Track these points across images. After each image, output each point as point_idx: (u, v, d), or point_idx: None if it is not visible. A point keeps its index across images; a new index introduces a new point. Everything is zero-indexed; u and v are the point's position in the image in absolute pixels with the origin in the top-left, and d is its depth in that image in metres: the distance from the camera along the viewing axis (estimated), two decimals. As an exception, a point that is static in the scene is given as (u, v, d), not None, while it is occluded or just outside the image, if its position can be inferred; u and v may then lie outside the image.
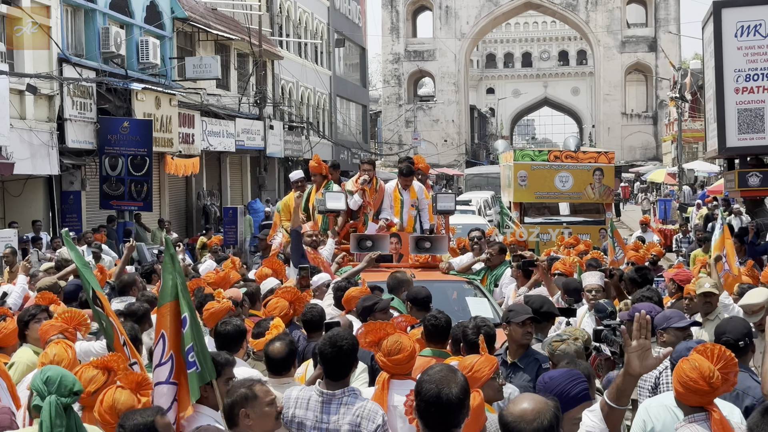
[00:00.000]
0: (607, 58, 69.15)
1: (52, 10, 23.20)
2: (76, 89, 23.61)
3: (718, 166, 37.92)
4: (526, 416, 3.57)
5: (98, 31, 25.37)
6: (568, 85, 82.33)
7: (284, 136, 37.59)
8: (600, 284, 8.87)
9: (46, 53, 23.05)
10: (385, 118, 69.71)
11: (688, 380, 4.79)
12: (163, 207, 28.84)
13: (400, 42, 70.99)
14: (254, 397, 4.59)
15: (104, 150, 24.43)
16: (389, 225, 11.89)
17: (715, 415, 4.79)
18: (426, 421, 4.00)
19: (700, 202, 35.67)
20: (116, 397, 4.55)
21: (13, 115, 20.68)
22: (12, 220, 22.15)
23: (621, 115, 70.01)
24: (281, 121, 38.07)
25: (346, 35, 53.72)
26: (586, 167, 22.81)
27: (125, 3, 26.88)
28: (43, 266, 13.02)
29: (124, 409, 4.50)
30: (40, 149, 22.11)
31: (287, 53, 41.23)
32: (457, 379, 4.02)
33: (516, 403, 3.66)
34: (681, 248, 25.46)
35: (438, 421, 3.97)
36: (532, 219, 22.31)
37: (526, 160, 23.12)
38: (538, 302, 7.49)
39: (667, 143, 61.40)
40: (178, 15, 29.87)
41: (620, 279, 9.88)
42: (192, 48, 31.82)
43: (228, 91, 34.61)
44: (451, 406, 3.95)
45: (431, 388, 3.96)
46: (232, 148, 32.96)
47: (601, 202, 22.76)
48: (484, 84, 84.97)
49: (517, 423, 3.57)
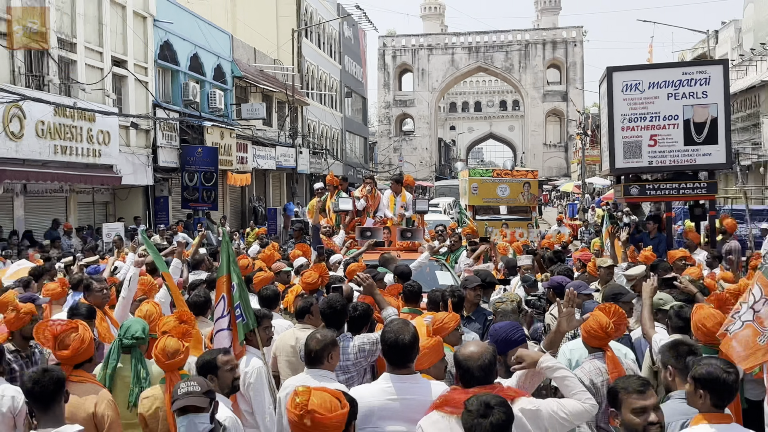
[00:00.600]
0: (532, 105, 69.25)
1: (149, 70, 23.27)
2: (165, 126, 23.63)
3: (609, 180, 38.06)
4: (473, 356, 3.59)
5: (181, 85, 25.41)
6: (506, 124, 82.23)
7: (309, 159, 37.55)
8: (530, 264, 8.96)
9: (145, 100, 23.05)
10: (379, 147, 69.71)
11: (591, 329, 4.83)
12: (225, 208, 28.81)
13: (389, 94, 71.03)
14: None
15: (185, 168, 24.46)
16: (384, 221, 11.90)
17: (608, 353, 4.83)
18: (388, 358, 4.04)
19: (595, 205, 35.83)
20: (167, 343, 4.51)
21: (121, 143, 20.74)
22: (120, 216, 22.23)
23: (542, 145, 70.16)
24: (307, 148, 38.05)
25: (352, 89, 53.65)
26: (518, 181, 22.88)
27: (199, 65, 26.90)
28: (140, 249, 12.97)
29: (172, 351, 4.47)
30: (140, 167, 22.14)
31: (312, 101, 41.21)
32: (409, 329, 4.06)
33: (465, 347, 3.68)
34: (584, 237, 25.61)
35: (396, 358, 4.01)
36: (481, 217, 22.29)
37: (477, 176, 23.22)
38: (484, 275, 7.53)
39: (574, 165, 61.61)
40: (236, 74, 29.90)
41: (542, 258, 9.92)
42: (245, 97, 31.78)
43: (270, 127, 34.58)
44: (405, 348, 3.98)
45: (391, 336, 4.02)
46: (273, 167, 32.93)
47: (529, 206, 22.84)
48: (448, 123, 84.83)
49: (467, 360, 3.59)
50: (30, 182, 17.76)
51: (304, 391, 3.18)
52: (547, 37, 69.47)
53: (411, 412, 3.81)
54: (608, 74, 15.55)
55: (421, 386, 3.94)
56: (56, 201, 20.01)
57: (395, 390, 3.88)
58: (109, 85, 20.91)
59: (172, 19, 24.86)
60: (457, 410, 3.41)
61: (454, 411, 3.42)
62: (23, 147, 16.53)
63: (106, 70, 20.72)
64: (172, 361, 4.46)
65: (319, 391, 3.22)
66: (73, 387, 4.39)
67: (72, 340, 4.48)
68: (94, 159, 19.10)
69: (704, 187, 15.28)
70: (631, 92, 15.23)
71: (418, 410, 3.77)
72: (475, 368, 3.55)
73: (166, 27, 24.44)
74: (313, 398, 3.15)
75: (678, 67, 16.37)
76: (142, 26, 23.09)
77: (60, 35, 18.79)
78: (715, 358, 3.97)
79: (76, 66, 19.52)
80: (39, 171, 17.23)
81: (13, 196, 17.95)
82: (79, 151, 18.51)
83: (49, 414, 3.86)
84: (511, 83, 71.27)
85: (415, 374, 4.02)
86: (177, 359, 4.49)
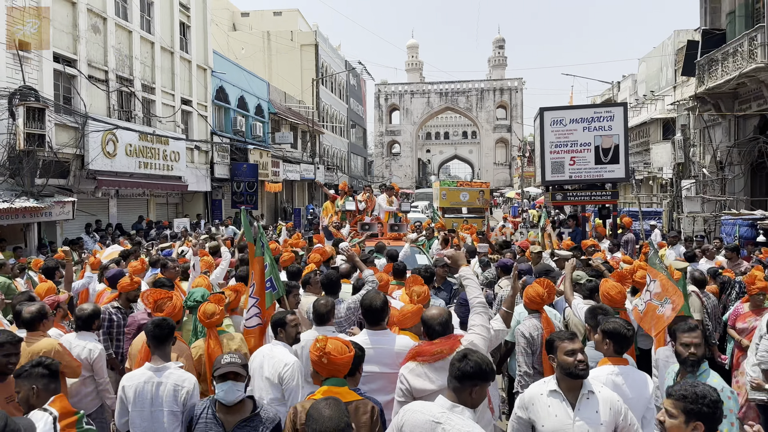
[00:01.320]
0: (486, 135, 69.22)
1: (208, 107, 23.16)
2: (219, 148, 23.52)
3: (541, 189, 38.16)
4: (434, 317, 3.56)
5: (231, 119, 25.30)
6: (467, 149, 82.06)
7: (324, 173, 37.48)
8: (485, 251, 8.93)
9: (205, 129, 22.95)
10: (375, 164, 69.61)
11: (530, 296, 4.82)
12: (263, 207, 28.68)
13: (383, 126, 70.79)
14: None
15: (233, 178, 24.34)
16: (377, 218, 11.88)
17: (543, 314, 4.81)
18: (365, 318, 4.00)
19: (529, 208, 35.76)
20: (206, 307, 4.47)
21: (187, 160, 20.64)
22: (186, 213, 22.12)
23: (493, 163, 70.08)
24: (323, 165, 37.97)
25: (355, 122, 53.57)
26: (475, 190, 22.82)
27: (245, 104, 26.79)
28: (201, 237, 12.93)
29: (210, 313, 4.41)
30: (201, 178, 22.04)
31: (326, 131, 41.16)
32: (380, 297, 4.02)
33: (429, 311, 3.66)
34: (522, 231, 25.60)
35: (371, 318, 3.95)
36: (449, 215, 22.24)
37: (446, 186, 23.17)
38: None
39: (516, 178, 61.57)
40: (272, 111, 29.77)
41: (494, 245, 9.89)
42: (278, 127, 31.67)
43: (296, 149, 34.51)
44: (377, 311, 3.95)
45: (366, 302, 3.99)
46: (298, 179, 32.77)
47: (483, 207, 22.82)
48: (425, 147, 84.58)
49: (430, 320, 3.57)
50: (121, 189, 17.69)
51: (323, 339, 3.18)
52: (496, 86, 69.38)
53: (382, 357, 3.80)
54: (540, 113, 15.59)
55: (389, 338, 3.90)
56: (140, 202, 19.92)
57: (370, 341, 3.85)
58: (179, 118, 20.82)
59: (225, 70, 24.79)
60: (426, 358, 3.41)
61: (426, 359, 3.41)
62: (116, 163, 16.46)
63: (176, 107, 20.64)
64: (210, 320, 4.44)
65: (333, 339, 3.23)
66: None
67: (167, 306, 4.53)
68: (167, 172, 19.01)
69: (609, 194, 15.33)
70: (557, 126, 15.27)
71: (387, 355, 3.79)
72: (435, 325, 3.53)
73: (221, 76, 24.35)
74: (329, 344, 3.16)
75: (591, 108, 16.41)
76: (203, 76, 22.98)
77: (143, 81, 18.71)
78: (617, 318, 3.97)
79: (155, 104, 19.42)
80: (127, 180, 17.15)
81: (108, 198, 17.88)
82: (157, 166, 18.41)
83: (162, 350, 3.83)
84: (470, 119, 71.26)
85: (385, 330, 3.97)
86: (214, 319, 4.45)
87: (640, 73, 33.86)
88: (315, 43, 39.14)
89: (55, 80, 14.82)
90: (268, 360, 3.95)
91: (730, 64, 16.59)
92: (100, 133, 15.69)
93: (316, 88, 37.86)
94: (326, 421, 2.44)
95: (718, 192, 18.75)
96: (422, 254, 10.49)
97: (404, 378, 3.43)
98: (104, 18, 16.86)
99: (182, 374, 3.71)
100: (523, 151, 49.26)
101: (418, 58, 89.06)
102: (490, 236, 13.49)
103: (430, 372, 3.38)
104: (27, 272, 8.51)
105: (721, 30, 18.66)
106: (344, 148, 48.53)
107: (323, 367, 3.12)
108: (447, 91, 69.31)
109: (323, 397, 2.83)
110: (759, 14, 16.40)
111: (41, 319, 4.39)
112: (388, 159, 70.82)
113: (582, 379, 3.17)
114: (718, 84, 17.20)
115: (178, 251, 9.92)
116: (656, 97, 30.31)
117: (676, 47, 26.60)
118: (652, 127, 31.35)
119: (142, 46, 18.70)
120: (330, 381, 3.12)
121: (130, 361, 4.57)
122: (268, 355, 3.98)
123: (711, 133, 20.17)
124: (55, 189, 14.38)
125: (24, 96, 13.03)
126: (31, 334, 4.33)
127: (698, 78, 18.77)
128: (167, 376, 3.67)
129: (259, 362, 3.99)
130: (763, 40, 14.90)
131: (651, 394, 3.59)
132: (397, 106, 70.98)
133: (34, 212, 12.81)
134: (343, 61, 47.84)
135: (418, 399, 3.31)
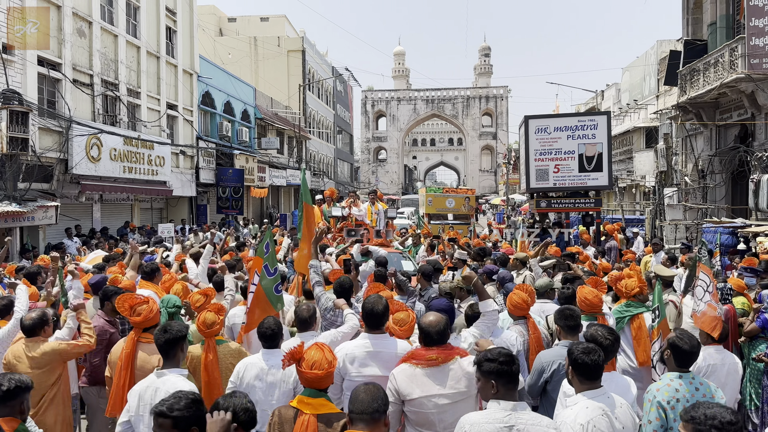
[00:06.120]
0: (471, 142, 69.55)
1: (194, 112, 23.05)
2: (205, 153, 23.38)
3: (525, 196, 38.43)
4: (432, 324, 3.56)
5: (217, 123, 25.17)
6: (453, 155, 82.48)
7: (311, 179, 37.44)
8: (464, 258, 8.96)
9: (190, 134, 22.83)
10: (362, 170, 69.56)
11: (515, 302, 4.84)
12: (249, 213, 28.54)
13: (369, 132, 70.85)
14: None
15: (219, 183, 24.21)
16: (362, 223, 11.89)
17: (530, 321, 4.84)
18: (366, 322, 3.99)
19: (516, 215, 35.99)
20: (206, 316, 4.43)
21: (172, 165, 20.52)
22: (171, 218, 21.94)
23: (479, 170, 70.40)
24: (310, 170, 37.91)
25: (342, 128, 53.58)
26: (461, 196, 22.90)
27: (231, 109, 26.69)
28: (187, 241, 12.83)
29: (210, 323, 4.38)
30: (186, 183, 21.90)
31: (312, 137, 41.11)
32: (382, 301, 4.00)
33: (426, 317, 3.64)
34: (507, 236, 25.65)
35: (372, 322, 3.95)
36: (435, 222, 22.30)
37: (432, 192, 23.21)
38: (434, 262, 7.55)
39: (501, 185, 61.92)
40: (258, 116, 29.67)
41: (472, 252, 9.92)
42: (264, 133, 31.60)
43: (282, 155, 34.41)
44: (378, 315, 3.95)
45: (368, 306, 3.97)
46: (284, 184, 32.65)
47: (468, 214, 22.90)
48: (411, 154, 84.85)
49: (428, 327, 3.56)
50: (105, 193, 17.52)
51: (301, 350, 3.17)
52: (482, 93, 69.79)
53: (382, 360, 3.82)
54: (525, 121, 15.73)
55: (389, 342, 3.93)
56: (124, 207, 19.74)
57: (371, 345, 3.87)
58: (164, 123, 20.69)
59: (211, 75, 24.70)
60: (421, 362, 3.43)
61: (419, 363, 3.44)
62: (100, 167, 16.31)
63: (162, 112, 20.51)
64: (210, 330, 4.39)
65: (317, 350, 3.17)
66: (142, 346, 4.36)
67: (143, 310, 4.44)
68: (152, 176, 18.87)
69: (593, 202, 15.49)
70: (542, 134, 15.42)
71: (388, 359, 3.79)
72: (433, 333, 3.54)
73: (207, 81, 24.25)
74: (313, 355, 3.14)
75: (575, 116, 16.59)
76: (189, 80, 22.88)
77: (129, 86, 18.58)
78: (599, 325, 3.98)
79: (141, 108, 19.29)
80: (111, 185, 17.00)
81: (92, 203, 17.69)
82: (142, 170, 18.28)
83: (168, 355, 3.70)
84: (456, 126, 71.58)
85: (385, 333, 3.98)
86: (214, 329, 4.40)
87: (624, 82, 34.26)
88: (302, 48, 39.14)
89: (39, 84, 14.69)
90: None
91: (712, 74, 16.87)
92: (85, 138, 15.55)
93: (302, 93, 37.83)
94: (359, 404, 2.73)
95: (700, 200, 19.02)
96: (408, 260, 10.51)
97: (394, 377, 3.47)
98: (90, 22, 16.75)
99: (176, 381, 3.59)
100: (509, 158, 49.65)
101: (404, 65, 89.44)
102: (478, 243, 13.56)
103: (422, 377, 3.41)
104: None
105: (702, 41, 18.98)
106: (331, 154, 48.49)
107: (302, 377, 3.13)
108: (433, 98, 69.60)
109: (364, 382, 3.00)
110: (739, 26, 16.72)
111: (42, 325, 4.51)
112: (375, 165, 70.88)
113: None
114: (699, 94, 17.48)
115: (162, 256, 9.85)
116: (639, 106, 30.69)
117: (659, 57, 26.97)
118: (635, 136, 31.72)
119: (127, 51, 18.58)
120: (306, 391, 3.12)
121: (110, 369, 4.51)
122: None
123: (693, 142, 20.47)
124: (38, 193, 14.22)
125: (7, 99, 12.89)
126: (31, 340, 4.46)
127: (680, 87, 19.06)
128: (163, 381, 3.62)
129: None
130: (744, 51, 15.18)
131: (633, 398, 3.63)
132: (384, 113, 71.12)
133: (17, 216, 12.66)
134: (330, 67, 47.87)
135: (405, 401, 3.38)
